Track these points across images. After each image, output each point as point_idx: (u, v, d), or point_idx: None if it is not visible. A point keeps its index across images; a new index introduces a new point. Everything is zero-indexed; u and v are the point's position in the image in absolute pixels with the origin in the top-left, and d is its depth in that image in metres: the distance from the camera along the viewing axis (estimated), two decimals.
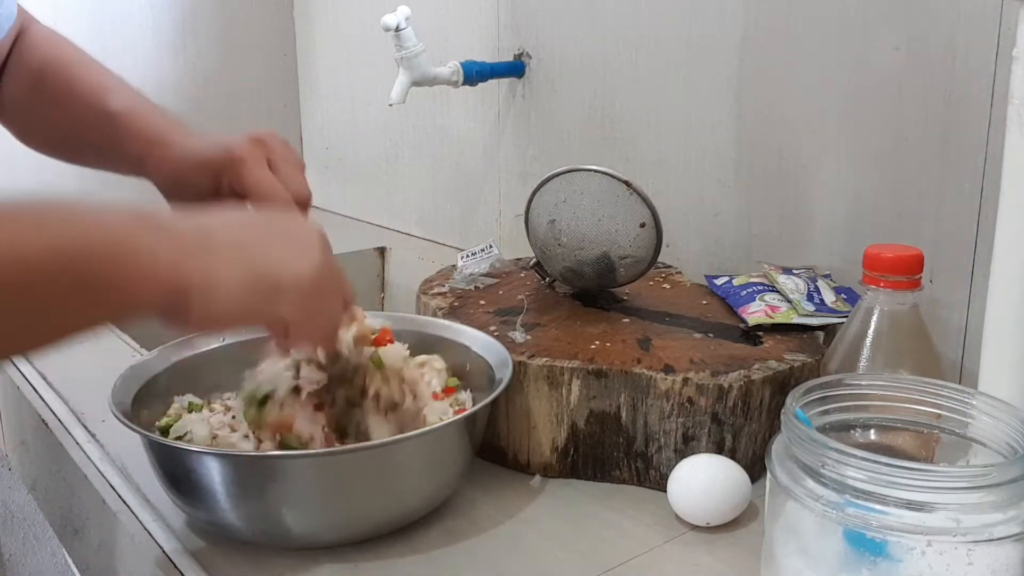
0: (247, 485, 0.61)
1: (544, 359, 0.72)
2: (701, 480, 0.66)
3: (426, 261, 1.38)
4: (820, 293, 0.81)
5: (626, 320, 0.82)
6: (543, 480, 0.74)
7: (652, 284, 0.91)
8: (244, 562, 0.63)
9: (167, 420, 0.70)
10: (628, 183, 0.81)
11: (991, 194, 0.75)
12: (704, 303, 0.86)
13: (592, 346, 0.75)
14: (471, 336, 0.77)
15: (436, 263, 1.26)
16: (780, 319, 0.78)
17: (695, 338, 0.77)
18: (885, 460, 0.46)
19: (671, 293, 0.90)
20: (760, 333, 0.78)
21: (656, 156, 1.06)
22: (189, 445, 0.65)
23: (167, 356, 0.74)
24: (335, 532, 0.64)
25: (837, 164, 0.88)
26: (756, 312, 0.80)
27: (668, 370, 0.70)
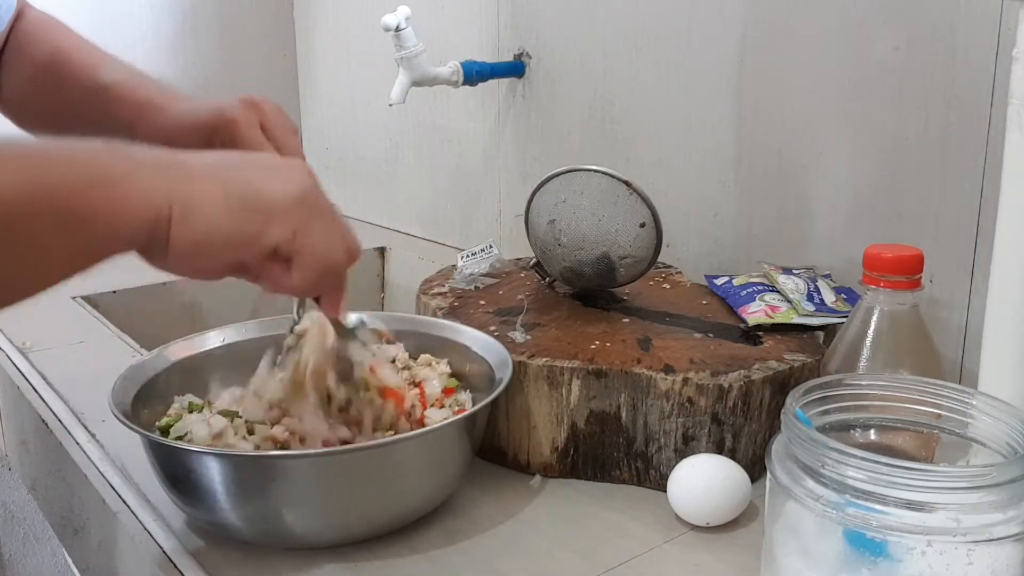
0: (247, 485, 0.61)
1: (544, 359, 0.72)
2: (701, 480, 0.66)
3: (426, 261, 1.38)
4: (820, 293, 0.81)
5: (626, 320, 0.82)
6: (543, 480, 0.74)
7: (652, 284, 0.91)
8: (244, 562, 0.63)
9: (167, 420, 0.70)
10: (628, 183, 0.81)
11: (991, 194, 0.75)
12: (704, 303, 0.86)
13: (592, 346, 0.75)
14: (471, 336, 0.77)
15: (436, 263, 1.27)
16: (780, 319, 0.78)
17: (695, 338, 0.77)
18: (885, 460, 0.46)
19: (671, 293, 0.90)
20: (760, 333, 0.78)
21: (656, 156, 1.06)
22: (189, 445, 0.64)
23: (167, 356, 0.74)
24: (335, 532, 0.64)
25: (837, 164, 0.88)
26: (756, 312, 0.80)
27: (668, 370, 0.70)
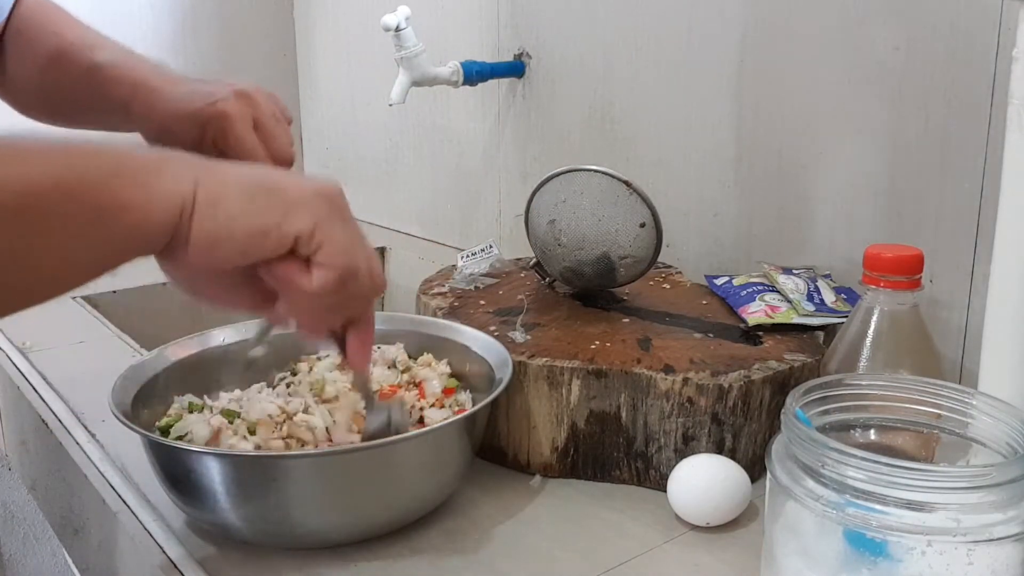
0: (247, 485, 0.61)
1: (544, 359, 0.72)
2: (701, 480, 0.66)
3: (426, 261, 1.38)
4: (820, 293, 0.81)
5: (626, 320, 0.82)
6: (543, 480, 0.74)
7: (652, 284, 0.91)
8: (244, 562, 0.63)
9: (167, 420, 0.70)
10: (628, 183, 0.81)
11: (991, 194, 0.75)
12: (704, 303, 0.86)
13: (592, 346, 0.75)
14: (471, 336, 0.77)
15: (436, 263, 1.27)
16: (780, 319, 0.78)
17: (695, 338, 0.77)
18: (885, 460, 0.46)
19: (671, 293, 0.90)
20: (760, 333, 0.78)
21: (656, 156, 1.06)
22: (189, 445, 0.64)
23: (167, 356, 0.74)
24: (335, 532, 0.64)
25: (837, 164, 0.88)
26: (756, 312, 0.80)
27: (668, 370, 0.70)
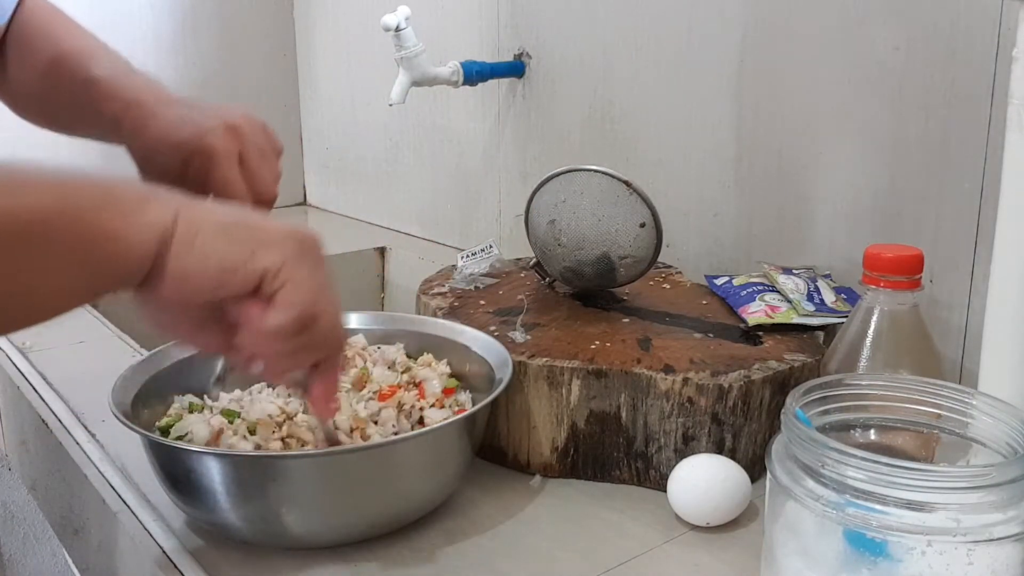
0: (247, 485, 0.61)
1: (544, 359, 0.72)
2: (701, 480, 0.66)
3: (426, 261, 1.38)
4: (820, 293, 0.81)
5: (626, 320, 0.82)
6: (543, 480, 0.74)
7: (652, 284, 0.91)
8: (244, 562, 0.63)
9: (167, 420, 0.70)
10: (628, 183, 0.81)
11: (991, 194, 0.75)
12: (704, 303, 0.86)
13: (592, 346, 0.75)
14: (471, 336, 0.77)
15: (436, 263, 1.27)
16: (780, 319, 0.78)
17: (695, 338, 0.77)
18: (885, 460, 0.46)
19: (671, 293, 0.90)
20: (760, 333, 0.78)
21: (656, 156, 1.06)
22: (189, 445, 0.64)
23: (167, 356, 0.74)
24: (335, 532, 0.64)
25: (837, 164, 0.88)
26: (756, 312, 0.80)
27: (668, 370, 0.70)
